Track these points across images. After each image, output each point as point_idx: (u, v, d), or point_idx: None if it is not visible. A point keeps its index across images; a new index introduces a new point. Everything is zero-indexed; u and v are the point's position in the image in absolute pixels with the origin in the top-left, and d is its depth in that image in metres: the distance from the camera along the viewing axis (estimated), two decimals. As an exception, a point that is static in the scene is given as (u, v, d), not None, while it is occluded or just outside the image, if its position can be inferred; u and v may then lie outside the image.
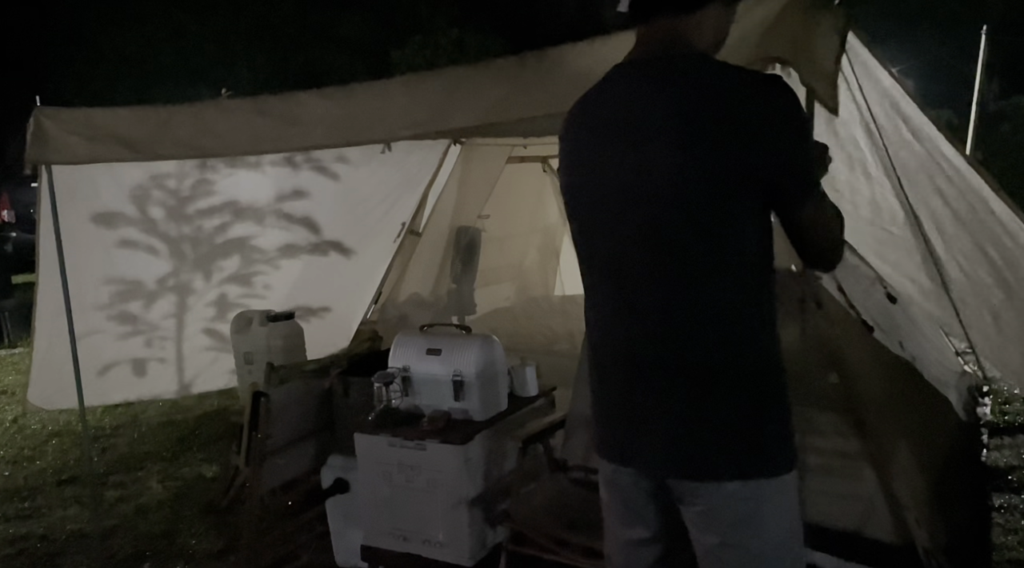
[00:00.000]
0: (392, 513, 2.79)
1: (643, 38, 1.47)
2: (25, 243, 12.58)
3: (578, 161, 1.52)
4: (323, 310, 4.79)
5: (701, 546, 1.51)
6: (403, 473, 2.75)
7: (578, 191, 1.54)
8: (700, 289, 1.41)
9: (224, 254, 4.63)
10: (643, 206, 1.41)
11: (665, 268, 1.42)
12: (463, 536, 2.68)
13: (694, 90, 1.38)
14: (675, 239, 1.40)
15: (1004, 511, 3.30)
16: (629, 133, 1.42)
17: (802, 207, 1.42)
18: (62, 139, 3.04)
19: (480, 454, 2.74)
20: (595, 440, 1.64)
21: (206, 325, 4.68)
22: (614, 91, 1.48)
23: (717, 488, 1.43)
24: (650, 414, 1.47)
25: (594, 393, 1.61)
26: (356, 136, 2.90)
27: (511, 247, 5.79)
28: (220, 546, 3.44)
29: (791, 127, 1.38)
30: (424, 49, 17.71)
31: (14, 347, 8.24)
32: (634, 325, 1.47)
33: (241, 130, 2.94)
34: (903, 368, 3.34)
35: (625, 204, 1.44)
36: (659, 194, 1.39)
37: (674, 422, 1.45)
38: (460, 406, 2.82)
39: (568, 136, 1.55)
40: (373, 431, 2.81)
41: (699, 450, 1.44)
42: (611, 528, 1.66)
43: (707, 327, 1.42)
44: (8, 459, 4.81)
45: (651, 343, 1.46)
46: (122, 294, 4.39)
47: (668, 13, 1.42)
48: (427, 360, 2.88)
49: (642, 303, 1.45)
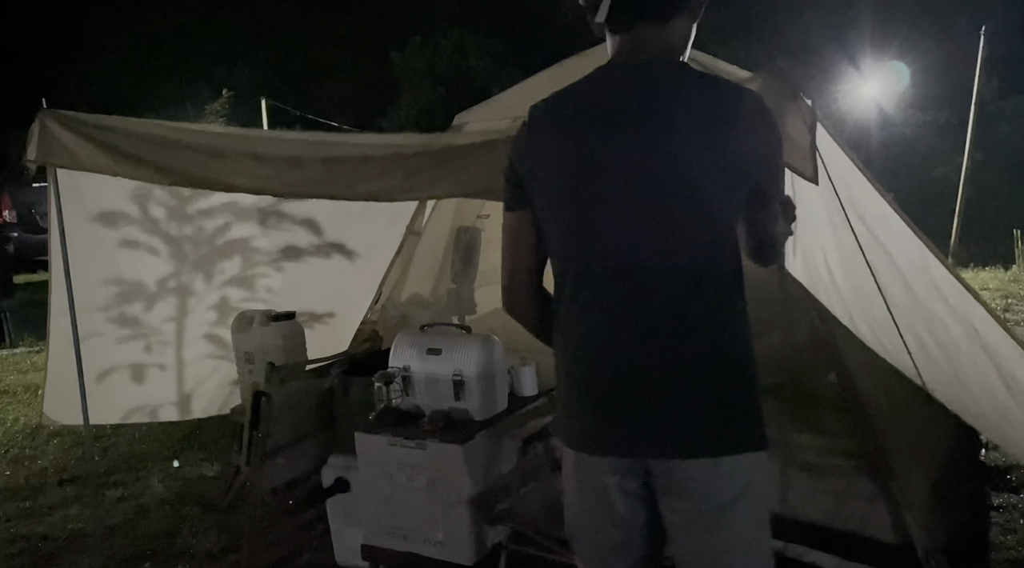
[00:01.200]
0: (392, 512, 2.80)
1: (625, 45, 1.55)
2: (26, 243, 12.58)
3: (570, 154, 1.52)
4: (327, 315, 4.77)
5: (685, 537, 1.53)
6: (403, 472, 2.76)
7: (570, 183, 1.53)
8: (705, 280, 1.47)
9: (225, 255, 4.61)
10: (655, 198, 1.46)
11: (674, 257, 1.47)
12: (463, 535, 2.69)
13: (699, 90, 1.48)
14: (686, 230, 1.46)
15: (1003, 510, 3.31)
16: (637, 127, 1.46)
17: (776, 203, 1.48)
18: (68, 144, 3.04)
19: (480, 453, 2.75)
20: (573, 434, 1.61)
21: (207, 330, 4.66)
22: (609, 87, 1.52)
23: (712, 465, 1.48)
24: (650, 400, 1.50)
25: (578, 384, 1.58)
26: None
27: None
28: (221, 546, 3.44)
29: (777, 131, 1.53)
30: (424, 50, 17.73)
31: (15, 347, 8.23)
32: (637, 314, 1.49)
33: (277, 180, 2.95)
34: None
35: (634, 196, 1.46)
36: (673, 186, 1.45)
37: (675, 404, 1.49)
38: (460, 405, 2.83)
39: (551, 130, 1.55)
40: (373, 430, 2.82)
41: (698, 427, 1.49)
42: (584, 537, 1.67)
43: (714, 315, 1.48)
44: (9, 458, 4.82)
45: (658, 332, 1.48)
46: (122, 295, 4.38)
47: (647, 22, 1.52)
48: (427, 360, 2.88)
49: (648, 293, 1.48)
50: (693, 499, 1.50)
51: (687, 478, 1.49)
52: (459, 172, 2.63)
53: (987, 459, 3.74)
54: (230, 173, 2.95)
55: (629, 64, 1.53)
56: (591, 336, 1.55)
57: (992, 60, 10.87)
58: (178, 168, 3.02)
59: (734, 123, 1.44)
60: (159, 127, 3.22)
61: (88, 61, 18.96)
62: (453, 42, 17.70)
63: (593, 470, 1.58)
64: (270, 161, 2.91)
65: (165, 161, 3.00)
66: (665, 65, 1.51)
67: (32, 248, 12.15)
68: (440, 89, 17.19)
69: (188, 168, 3.00)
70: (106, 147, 3.02)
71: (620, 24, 1.53)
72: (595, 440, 1.57)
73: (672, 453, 1.50)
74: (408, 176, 2.71)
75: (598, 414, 1.56)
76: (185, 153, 2.99)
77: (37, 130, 3.04)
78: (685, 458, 1.49)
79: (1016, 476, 3.57)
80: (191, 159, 2.98)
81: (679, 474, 1.49)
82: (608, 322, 1.52)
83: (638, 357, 1.50)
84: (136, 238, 4.31)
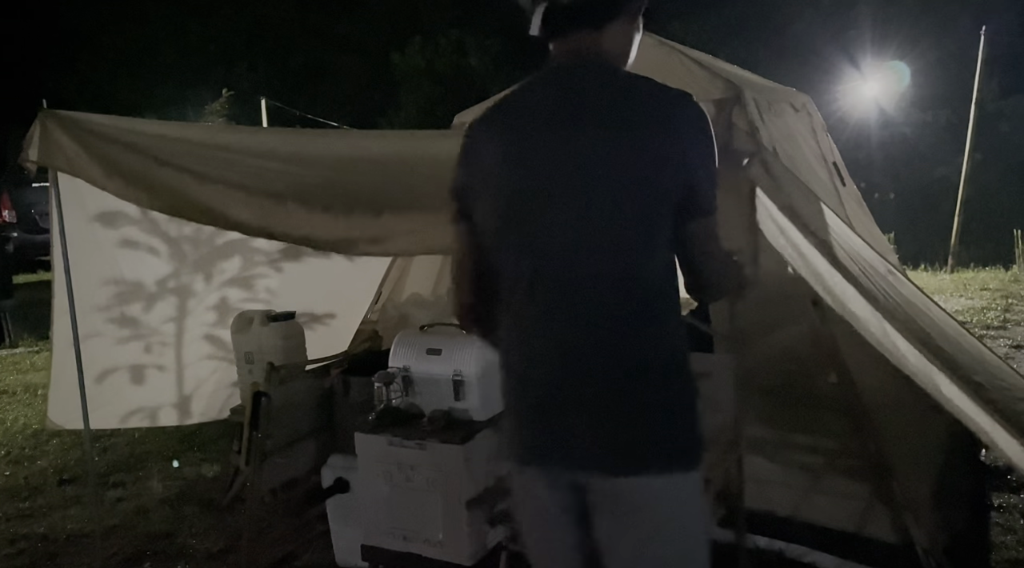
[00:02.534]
0: (392, 512, 2.80)
1: (560, 52, 1.56)
2: (26, 243, 12.57)
3: (502, 163, 1.52)
4: (327, 315, 4.77)
5: (619, 556, 1.52)
6: (403, 472, 2.76)
7: (503, 192, 1.53)
8: (640, 283, 1.47)
9: (225, 255, 4.61)
10: (584, 205, 1.45)
11: (607, 261, 1.46)
12: (463, 535, 2.69)
13: (631, 94, 1.48)
14: (621, 233, 1.45)
15: (1003, 510, 3.31)
16: (566, 132, 1.47)
17: (709, 214, 1.50)
18: (66, 150, 3.01)
19: (480, 453, 2.74)
20: (517, 449, 1.60)
21: (207, 331, 4.65)
22: (542, 94, 1.54)
23: (648, 483, 1.47)
24: (584, 412, 1.49)
25: (519, 397, 1.58)
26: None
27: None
28: (220, 546, 3.44)
29: (712, 141, 1.49)
30: (424, 50, 17.72)
31: (14, 347, 8.23)
32: (570, 319, 1.48)
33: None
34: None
35: (563, 202, 1.46)
36: (602, 192, 1.44)
37: (610, 417, 1.48)
38: (460, 406, 2.83)
39: (485, 141, 1.57)
40: (373, 431, 2.82)
41: (633, 444, 1.48)
42: (531, 549, 1.67)
43: (648, 321, 1.48)
44: (9, 458, 4.82)
45: (592, 338, 1.48)
46: (122, 296, 4.37)
47: (581, 28, 1.52)
48: (427, 360, 2.88)
49: (581, 298, 1.47)
50: (622, 515, 1.49)
51: (618, 493, 1.48)
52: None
53: (987, 459, 3.74)
54: (221, 203, 2.83)
55: (562, 70, 1.54)
56: (520, 343, 1.55)
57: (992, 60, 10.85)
58: (167, 192, 2.92)
59: (665, 128, 1.44)
60: (162, 139, 3.15)
61: (88, 61, 18.96)
62: (453, 42, 17.69)
63: (531, 483, 1.58)
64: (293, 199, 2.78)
65: (155, 182, 2.91)
66: (597, 70, 1.51)
67: (32, 248, 12.15)
68: (440, 89, 17.18)
69: (179, 194, 2.89)
70: (99, 158, 2.98)
71: (555, 32, 1.54)
72: (529, 452, 1.57)
73: (600, 468, 1.49)
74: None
75: (533, 426, 1.55)
76: (180, 176, 2.88)
77: (38, 131, 3.04)
78: (613, 475, 1.48)
79: (1016, 476, 3.56)
80: (184, 182, 2.87)
81: (610, 490, 1.49)
82: (537, 328, 1.51)
83: (563, 366, 1.49)
84: (136, 238, 4.31)
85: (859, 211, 4.76)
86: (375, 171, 3.14)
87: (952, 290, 8.47)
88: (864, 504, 2.85)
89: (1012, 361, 5.07)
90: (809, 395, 3.07)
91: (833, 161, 4.57)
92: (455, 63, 17.60)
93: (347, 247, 2.78)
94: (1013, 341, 6.20)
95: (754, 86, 3.80)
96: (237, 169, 2.95)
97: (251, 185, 2.83)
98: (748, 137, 3.16)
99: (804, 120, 4.47)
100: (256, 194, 2.80)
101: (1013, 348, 5.99)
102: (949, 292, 8.34)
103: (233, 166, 2.99)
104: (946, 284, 8.88)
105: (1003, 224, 10.48)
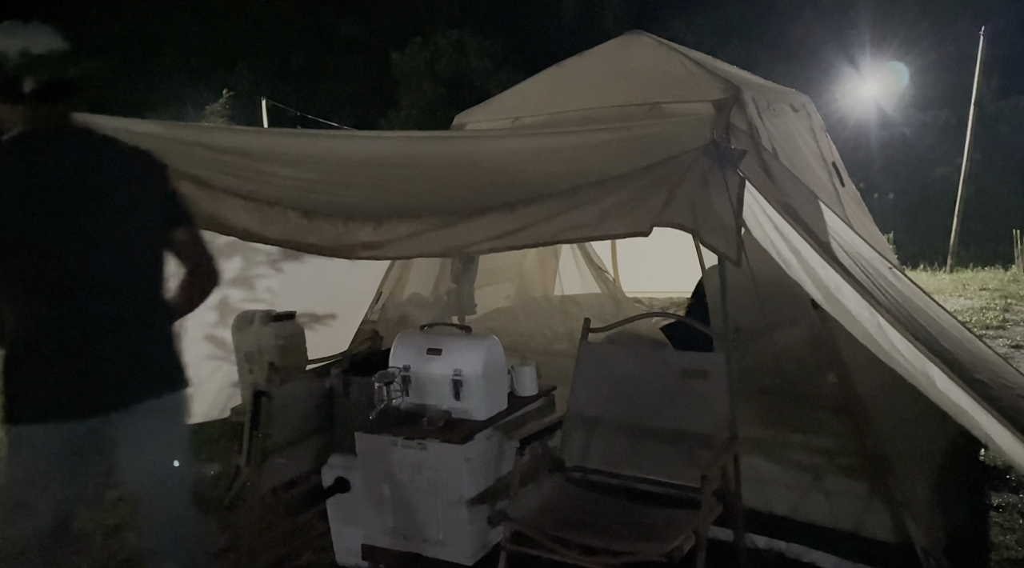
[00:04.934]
0: (392, 512, 2.80)
1: (31, 116, 2.11)
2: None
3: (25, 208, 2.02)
4: (327, 315, 4.77)
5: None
6: (403, 472, 2.76)
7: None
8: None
9: (225, 255, 4.60)
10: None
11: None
12: (463, 535, 2.69)
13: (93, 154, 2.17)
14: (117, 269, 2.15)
15: (1002, 510, 3.31)
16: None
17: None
18: None
19: (480, 453, 2.75)
20: (29, 408, 2.09)
21: (207, 331, 4.65)
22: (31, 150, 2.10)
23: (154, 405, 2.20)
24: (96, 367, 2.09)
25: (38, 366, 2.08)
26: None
27: (511, 247, 5.76)
28: (221, 545, 3.44)
29: (164, 184, 2.33)
30: (424, 50, 17.73)
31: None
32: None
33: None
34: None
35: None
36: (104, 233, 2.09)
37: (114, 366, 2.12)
38: (460, 405, 2.83)
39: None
40: (374, 430, 2.82)
41: (138, 379, 2.16)
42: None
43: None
44: (9, 459, 4.81)
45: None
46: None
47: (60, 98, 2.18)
48: (428, 359, 2.89)
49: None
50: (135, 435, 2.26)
51: (122, 422, 2.20)
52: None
53: (987, 459, 3.74)
54: (225, 210, 2.81)
55: (43, 133, 2.11)
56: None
57: (991, 60, 10.86)
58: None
59: (117, 182, 2.12)
60: (162, 140, 3.14)
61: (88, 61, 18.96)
62: (453, 42, 17.70)
63: (52, 430, 2.19)
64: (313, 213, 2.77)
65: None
66: (80, 133, 2.15)
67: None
68: (440, 89, 17.19)
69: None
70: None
71: (40, 100, 2.11)
72: (51, 407, 2.16)
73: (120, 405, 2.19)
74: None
75: (55, 384, 2.13)
76: (180, 181, 2.80)
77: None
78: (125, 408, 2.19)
79: (1015, 475, 3.56)
80: (184, 187, 2.79)
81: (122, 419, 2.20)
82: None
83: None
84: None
85: (858, 211, 4.76)
86: (375, 175, 3.14)
87: (951, 290, 8.48)
88: (864, 503, 2.85)
89: (1012, 361, 5.07)
90: (808, 395, 3.07)
91: (832, 161, 4.58)
92: (455, 63, 17.61)
93: (347, 253, 2.79)
94: (1012, 341, 6.20)
95: (753, 86, 3.80)
96: (238, 174, 2.95)
97: (252, 192, 2.83)
98: (747, 137, 3.17)
99: (803, 120, 4.47)
100: (257, 201, 2.81)
101: (1012, 348, 6.00)
102: (948, 292, 8.34)
103: (232, 170, 2.99)
104: (945, 284, 8.89)
105: (1002, 224, 10.50)
